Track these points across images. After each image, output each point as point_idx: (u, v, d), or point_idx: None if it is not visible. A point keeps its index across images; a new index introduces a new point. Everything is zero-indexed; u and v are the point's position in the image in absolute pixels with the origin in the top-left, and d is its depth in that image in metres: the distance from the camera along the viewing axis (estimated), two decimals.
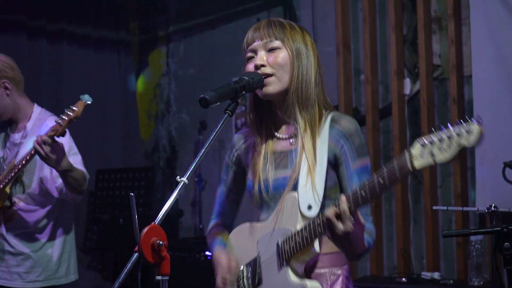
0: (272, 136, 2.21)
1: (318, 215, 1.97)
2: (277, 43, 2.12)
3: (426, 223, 4.57)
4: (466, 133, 1.64)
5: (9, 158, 3.34)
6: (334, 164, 2.11)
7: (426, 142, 1.70)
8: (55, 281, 3.38)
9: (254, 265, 2.14)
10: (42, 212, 3.33)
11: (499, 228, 2.24)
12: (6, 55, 3.38)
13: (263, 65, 2.11)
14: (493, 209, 3.25)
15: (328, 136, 2.11)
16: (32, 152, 3.04)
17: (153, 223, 1.74)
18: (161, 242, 1.71)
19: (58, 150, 3.00)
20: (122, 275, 1.74)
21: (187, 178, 1.85)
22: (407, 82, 4.78)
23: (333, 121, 2.13)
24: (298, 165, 2.09)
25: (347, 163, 2.09)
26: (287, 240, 2.03)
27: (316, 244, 1.99)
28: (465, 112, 4.53)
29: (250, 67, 2.15)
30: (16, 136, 3.36)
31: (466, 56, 4.49)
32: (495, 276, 3.81)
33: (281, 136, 2.19)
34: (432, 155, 1.68)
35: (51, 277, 3.37)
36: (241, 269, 2.18)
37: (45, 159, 3.00)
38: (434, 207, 3.96)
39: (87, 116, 5.65)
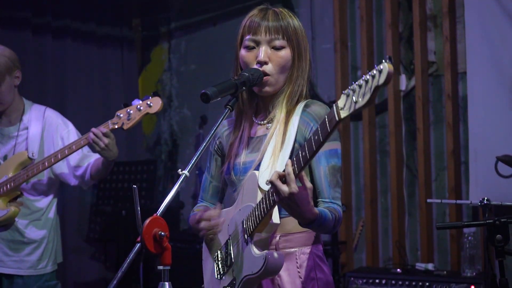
0: (252, 122, 2.23)
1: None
2: (283, 42, 2.13)
3: (420, 216, 4.64)
4: (378, 74, 1.61)
5: (4, 151, 3.39)
6: None
7: (349, 91, 1.69)
8: (55, 266, 3.48)
9: (226, 247, 2.15)
10: (46, 200, 3.42)
11: (491, 221, 2.30)
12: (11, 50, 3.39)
13: (266, 63, 2.12)
14: (485, 202, 3.24)
15: (298, 120, 2.11)
16: (83, 142, 3.10)
17: (155, 214, 1.77)
18: (162, 233, 1.74)
19: (114, 142, 3.11)
20: (125, 265, 1.77)
21: (188, 171, 1.87)
22: (403, 78, 4.82)
23: (305, 106, 2.13)
24: (264, 148, 2.11)
25: None
26: (249, 216, 2.03)
27: (275, 216, 1.99)
28: (459, 108, 4.61)
29: (248, 55, 2.15)
30: (12, 129, 3.39)
31: (460, 53, 4.54)
32: (488, 268, 3.87)
33: (259, 122, 2.21)
34: (355, 102, 1.66)
35: (54, 261, 3.47)
36: (217, 253, 2.21)
37: (103, 150, 3.08)
38: (428, 200, 3.99)
39: (91, 110, 5.76)
